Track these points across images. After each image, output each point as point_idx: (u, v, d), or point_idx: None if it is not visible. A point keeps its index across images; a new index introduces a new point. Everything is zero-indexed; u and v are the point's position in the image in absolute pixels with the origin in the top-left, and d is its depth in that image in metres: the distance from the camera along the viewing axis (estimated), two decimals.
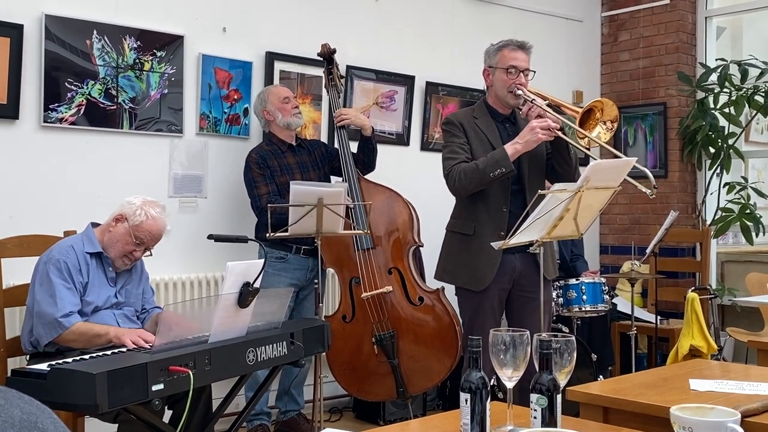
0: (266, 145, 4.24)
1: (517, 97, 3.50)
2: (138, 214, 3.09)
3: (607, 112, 3.37)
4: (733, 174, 6.04)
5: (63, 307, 2.93)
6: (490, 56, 3.58)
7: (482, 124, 3.55)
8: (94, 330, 2.93)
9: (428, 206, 5.34)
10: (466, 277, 3.54)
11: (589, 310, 4.59)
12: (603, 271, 6.23)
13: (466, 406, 1.75)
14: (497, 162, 3.34)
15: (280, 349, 2.94)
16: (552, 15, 6.10)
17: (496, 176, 3.35)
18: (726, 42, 6.60)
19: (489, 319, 3.47)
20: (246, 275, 2.79)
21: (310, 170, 4.23)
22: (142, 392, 2.41)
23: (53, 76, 3.86)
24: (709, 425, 1.64)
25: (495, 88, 3.57)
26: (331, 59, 4.37)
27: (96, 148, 4.03)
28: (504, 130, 3.58)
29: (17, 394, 0.81)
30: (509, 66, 3.50)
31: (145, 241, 3.12)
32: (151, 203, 3.16)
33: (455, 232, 3.60)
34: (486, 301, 3.49)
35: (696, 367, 2.84)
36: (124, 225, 3.10)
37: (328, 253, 4.16)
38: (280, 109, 4.20)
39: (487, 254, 3.43)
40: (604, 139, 3.35)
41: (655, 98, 6.18)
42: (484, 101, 3.65)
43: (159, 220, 3.13)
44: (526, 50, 3.56)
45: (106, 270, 3.14)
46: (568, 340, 1.87)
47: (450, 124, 3.57)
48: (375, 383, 4.22)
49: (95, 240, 3.13)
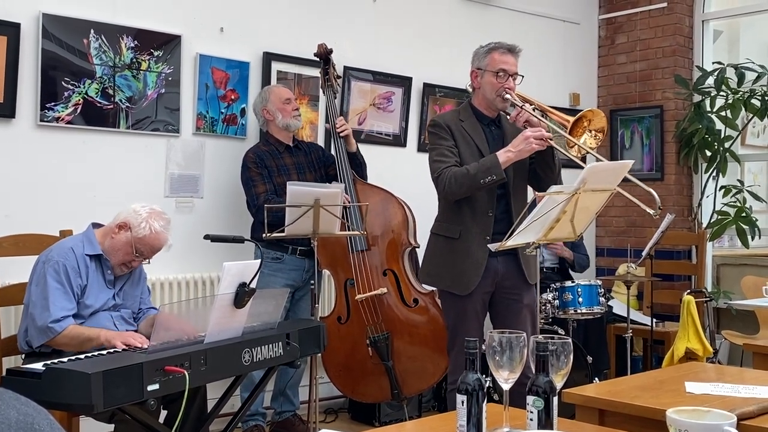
0: (263, 145, 4.24)
1: (505, 101, 3.49)
2: (143, 226, 3.05)
3: (596, 122, 3.36)
4: (729, 177, 6.05)
5: (55, 312, 2.91)
6: (479, 58, 3.55)
7: (468, 127, 3.52)
8: (85, 334, 2.92)
9: (424, 208, 5.34)
10: (449, 280, 3.50)
11: (584, 312, 4.60)
12: (599, 274, 6.24)
13: (462, 407, 1.75)
14: (489, 169, 3.32)
15: (276, 350, 2.94)
16: (549, 17, 6.10)
17: (486, 183, 3.33)
18: (723, 45, 6.61)
19: (473, 322, 3.45)
20: (242, 276, 2.78)
21: (306, 172, 4.22)
22: (138, 392, 2.40)
23: (50, 75, 3.85)
24: (705, 428, 1.64)
25: (483, 90, 3.54)
26: (328, 59, 4.37)
27: (93, 148, 4.02)
28: (490, 133, 3.55)
29: (14, 395, 0.81)
30: (499, 69, 3.47)
31: (144, 253, 3.10)
32: (157, 216, 3.12)
33: (440, 235, 3.56)
34: (470, 305, 3.46)
35: (691, 369, 2.84)
36: (127, 234, 3.06)
37: (323, 254, 4.15)
38: (281, 110, 4.20)
39: (472, 258, 3.42)
40: (590, 146, 3.35)
41: (652, 101, 6.19)
42: (469, 103, 3.61)
43: (162, 235, 3.10)
44: (516, 54, 3.53)
45: (105, 272, 3.12)
46: (565, 343, 1.87)
47: (437, 127, 3.54)
48: (370, 384, 4.22)
49: (95, 242, 3.10)
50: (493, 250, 3.14)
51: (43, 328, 2.92)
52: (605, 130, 3.41)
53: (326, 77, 4.37)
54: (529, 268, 3.50)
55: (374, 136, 5.14)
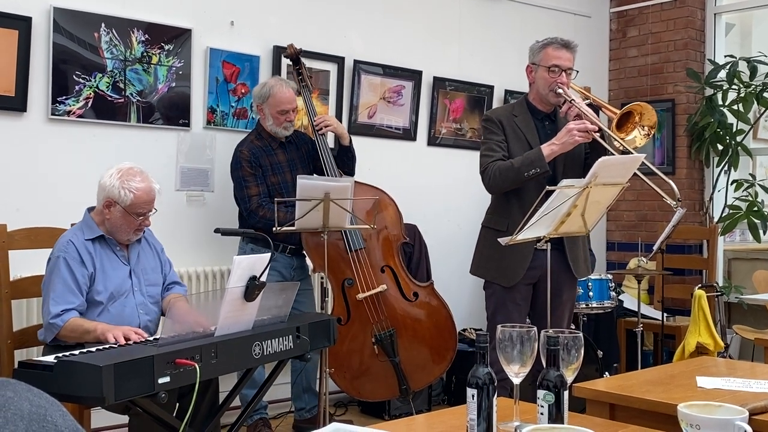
0: (257, 139, 4.13)
1: (558, 96, 3.51)
2: (124, 194, 3.02)
3: (647, 117, 3.37)
4: (741, 171, 6.02)
5: (54, 308, 2.93)
6: (534, 53, 3.59)
7: (521, 122, 3.56)
8: (84, 326, 2.92)
9: (435, 202, 5.35)
10: (495, 271, 3.57)
11: (595, 306, 4.59)
12: (609, 268, 6.23)
13: (472, 401, 1.75)
14: (532, 162, 3.35)
15: (286, 343, 2.94)
16: (560, 10, 6.08)
17: (530, 176, 3.36)
18: (735, 39, 6.57)
19: (513, 314, 3.50)
20: (253, 269, 2.78)
21: (299, 168, 4.15)
22: (149, 385, 2.41)
23: (61, 69, 3.86)
24: (717, 423, 1.64)
25: (537, 85, 3.58)
26: (298, 59, 4.30)
27: (103, 141, 4.03)
28: (543, 128, 3.59)
29: (26, 387, 0.81)
30: (552, 65, 3.51)
31: (144, 211, 3.09)
32: (128, 174, 3.07)
33: (489, 228, 3.62)
34: (511, 297, 3.53)
35: (702, 364, 2.84)
36: (118, 208, 3.04)
37: (316, 256, 4.07)
38: (274, 117, 4.07)
39: (518, 251, 3.45)
40: (639, 143, 3.34)
41: (664, 95, 6.16)
42: (525, 98, 3.67)
43: (145, 188, 3.07)
44: (571, 49, 3.57)
45: (114, 250, 3.12)
46: (576, 337, 1.87)
47: (489, 121, 3.58)
48: (377, 383, 4.19)
49: (94, 225, 3.10)
50: (503, 243, 3.14)
51: (47, 325, 2.96)
52: (656, 124, 3.41)
53: (300, 78, 4.29)
54: (577, 264, 3.53)
55: (384, 129, 5.13)
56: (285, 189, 4.06)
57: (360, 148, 4.43)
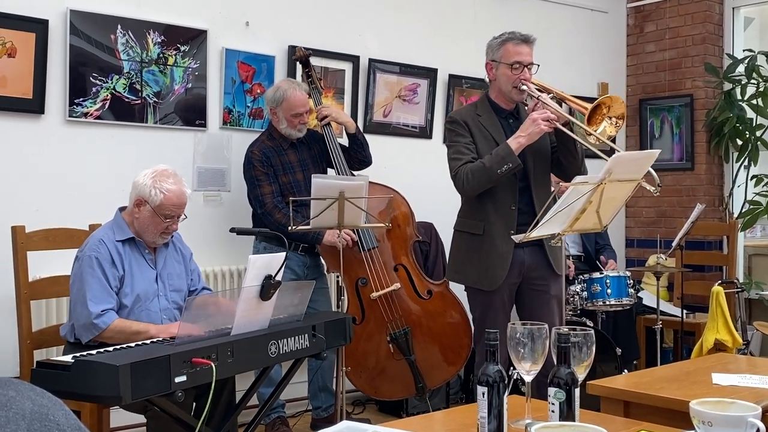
0: (268, 140, 4.15)
1: (522, 92, 3.46)
2: (155, 194, 3.03)
3: (615, 109, 3.33)
4: (761, 166, 5.96)
5: (94, 309, 2.91)
6: (493, 50, 3.51)
7: (486, 121, 3.49)
8: (133, 328, 2.94)
9: (451, 201, 5.33)
10: (476, 276, 3.49)
11: (613, 303, 4.56)
12: (628, 265, 6.19)
13: (483, 399, 1.75)
14: (503, 159, 3.29)
15: (302, 342, 2.95)
16: (576, 6, 6.05)
17: (503, 172, 3.30)
18: (754, 33, 6.50)
19: (500, 315, 3.44)
20: (268, 268, 2.79)
21: (310, 167, 4.16)
22: (165, 384, 2.42)
23: (78, 70, 3.89)
24: (729, 420, 1.63)
25: (499, 83, 3.51)
26: (307, 62, 4.32)
27: (121, 143, 4.06)
28: (508, 126, 3.51)
29: (29, 386, 0.82)
30: (514, 61, 3.43)
31: (172, 214, 3.08)
32: (162, 176, 3.08)
33: (464, 232, 3.55)
34: (496, 299, 3.46)
35: (720, 361, 2.82)
36: (147, 208, 3.05)
37: (328, 256, 4.10)
38: (288, 120, 4.10)
39: (497, 253, 3.41)
40: (610, 132, 3.31)
41: (682, 90, 6.11)
42: (486, 96, 3.59)
43: (176, 191, 3.07)
44: (530, 43, 3.48)
45: (143, 253, 3.13)
46: (587, 334, 1.86)
47: (454, 123, 3.51)
48: (393, 382, 4.19)
49: (125, 226, 3.10)
50: (517, 241, 3.12)
51: (87, 326, 2.93)
52: (625, 116, 3.37)
53: (310, 80, 4.31)
54: (556, 259, 3.48)
55: (400, 128, 5.13)
56: (296, 188, 4.08)
57: (376, 146, 4.44)
